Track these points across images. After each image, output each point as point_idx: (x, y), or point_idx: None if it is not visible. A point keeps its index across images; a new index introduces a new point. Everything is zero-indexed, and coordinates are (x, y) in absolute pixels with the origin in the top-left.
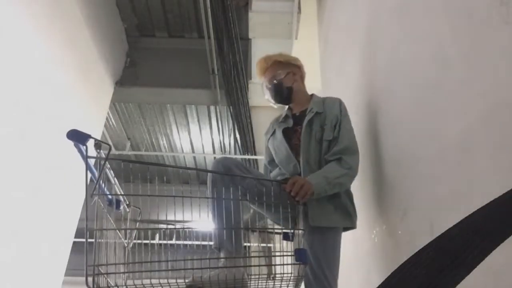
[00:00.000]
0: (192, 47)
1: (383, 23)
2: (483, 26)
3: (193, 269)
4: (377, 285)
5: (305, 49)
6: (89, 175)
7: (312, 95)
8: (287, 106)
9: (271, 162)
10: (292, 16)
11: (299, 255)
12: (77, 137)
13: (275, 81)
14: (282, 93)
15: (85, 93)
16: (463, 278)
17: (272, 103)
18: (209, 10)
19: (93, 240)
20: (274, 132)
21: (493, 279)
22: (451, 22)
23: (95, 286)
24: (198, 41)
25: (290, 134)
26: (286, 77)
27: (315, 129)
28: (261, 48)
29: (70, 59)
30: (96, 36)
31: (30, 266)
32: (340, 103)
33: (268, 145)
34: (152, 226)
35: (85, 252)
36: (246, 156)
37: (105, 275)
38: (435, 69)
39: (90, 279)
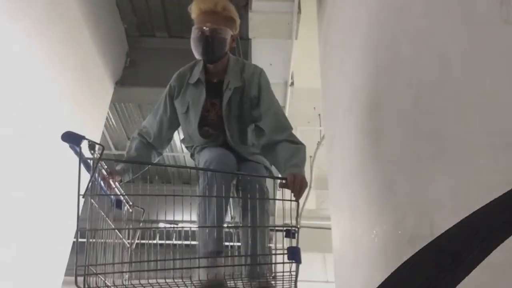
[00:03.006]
0: None
1: (383, 23)
2: (483, 26)
3: (182, 268)
4: (377, 285)
5: (305, 49)
6: (87, 175)
7: (228, 58)
8: (201, 62)
9: (170, 121)
10: (292, 16)
11: (292, 254)
12: (71, 138)
13: (218, 36)
14: (215, 54)
15: (85, 93)
16: (463, 278)
17: (196, 53)
18: None
19: (84, 240)
20: (186, 91)
21: (493, 279)
22: (451, 22)
23: (86, 286)
24: None
25: (207, 106)
26: (229, 40)
27: (234, 106)
28: (261, 48)
29: (70, 59)
30: (96, 36)
31: (30, 266)
32: (260, 76)
33: (174, 103)
34: (143, 226)
35: (75, 253)
36: None
37: (100, 276)
38: (435, 69)
39: (80, 279)
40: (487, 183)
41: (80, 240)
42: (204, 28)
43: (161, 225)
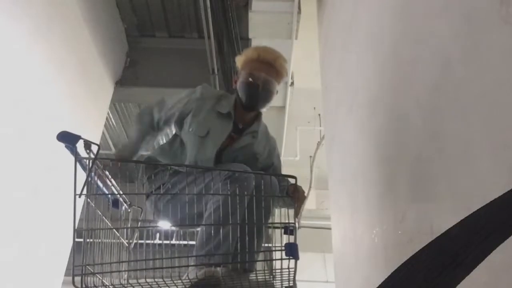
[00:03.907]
0: (192, 47)
1: (383, 23)
2: (483, 26)
3: (180, 266)
4: (377, 285)
5: (305, 49)
6: (85, 175)
7: (259, 113)
8: (232, 98)
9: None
10: (292, 16)
11: (290, 250)
12: (67, 138)
13: (268, 87)
14: (260, 104)
15: (85, 93)
16: (463, 278)
17: (241, 96)
18: (209, 10)
19: (82, 240)
20: (208, 115)
21: (493, 279)
22: (451, 22)
23: (83, 285)
24: (198, 41)
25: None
26: (274, 96)
27: (243, 152)
28: None
29: (70, 60)
30: (96, 36)
31: (31, 266)
32: (278, 152)
33: (182, 120)
34: (141, 225)
35: (73, 253)
36: None
37: (98, 275)
38: (435, 69)
39: (77, 279)
40: (487, 183)
41: (78, 240)
42: (258, 76)
43: (161, 224)
